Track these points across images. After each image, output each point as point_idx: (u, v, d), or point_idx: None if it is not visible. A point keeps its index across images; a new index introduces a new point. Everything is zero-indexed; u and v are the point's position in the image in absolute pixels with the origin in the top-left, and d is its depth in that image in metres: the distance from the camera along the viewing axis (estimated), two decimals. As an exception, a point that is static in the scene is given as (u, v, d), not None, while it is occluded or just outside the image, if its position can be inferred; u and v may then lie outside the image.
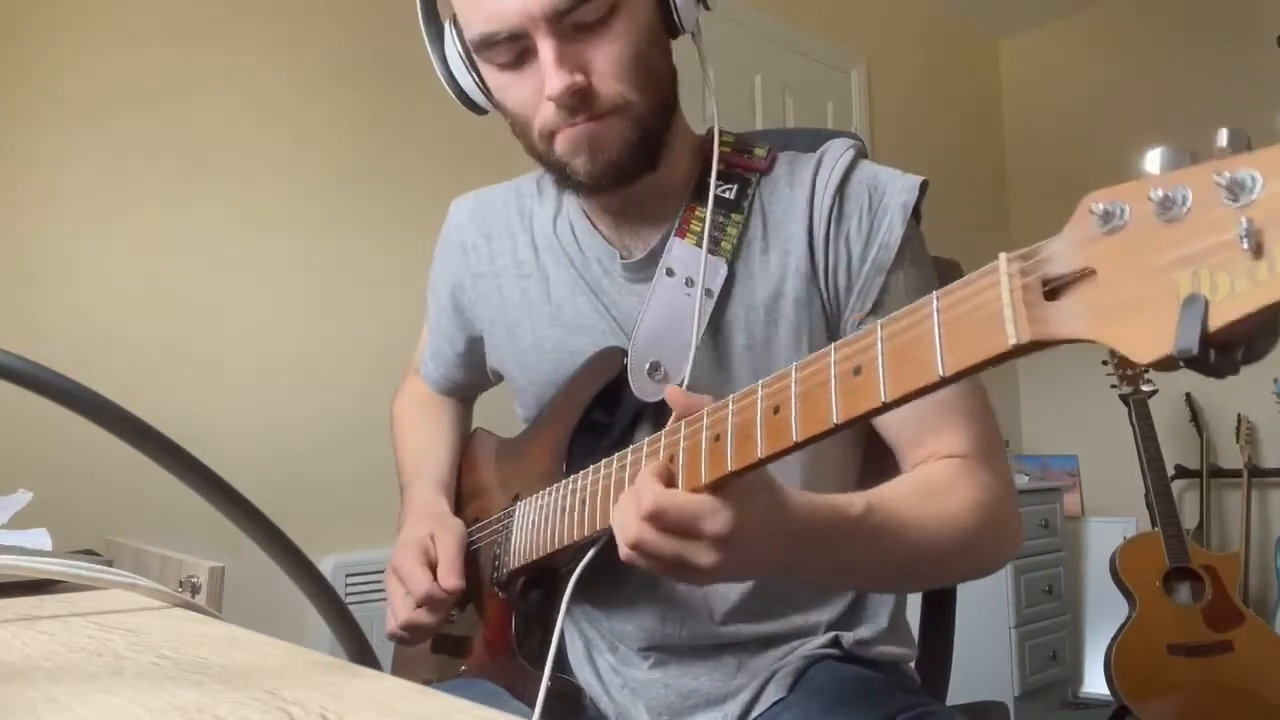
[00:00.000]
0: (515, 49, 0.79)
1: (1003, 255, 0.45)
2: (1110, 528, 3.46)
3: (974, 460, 0.80)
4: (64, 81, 1.89)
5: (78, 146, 1.89)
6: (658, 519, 0.60)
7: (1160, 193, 0.38)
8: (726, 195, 0.88)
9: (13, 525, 0.87)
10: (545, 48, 0.77)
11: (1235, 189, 0.36)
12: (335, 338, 2.20)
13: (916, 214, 0.86)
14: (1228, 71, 3.53)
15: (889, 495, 0.74)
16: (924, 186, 0.85)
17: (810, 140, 0.95)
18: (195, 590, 0.73)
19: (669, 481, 0.63)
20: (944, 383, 0.47)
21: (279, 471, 2.02)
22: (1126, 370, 3.10)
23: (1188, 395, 3.50)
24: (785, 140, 0.96)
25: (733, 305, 0.86)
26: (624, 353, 0.86)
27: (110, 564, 0.73)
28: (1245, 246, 0.36)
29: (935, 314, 0.48)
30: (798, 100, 3.31)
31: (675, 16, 0.83)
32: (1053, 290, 0.43)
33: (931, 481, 0.78)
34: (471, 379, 1.10)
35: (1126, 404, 3.08)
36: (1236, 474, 3.39)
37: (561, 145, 0.81)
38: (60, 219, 1.86)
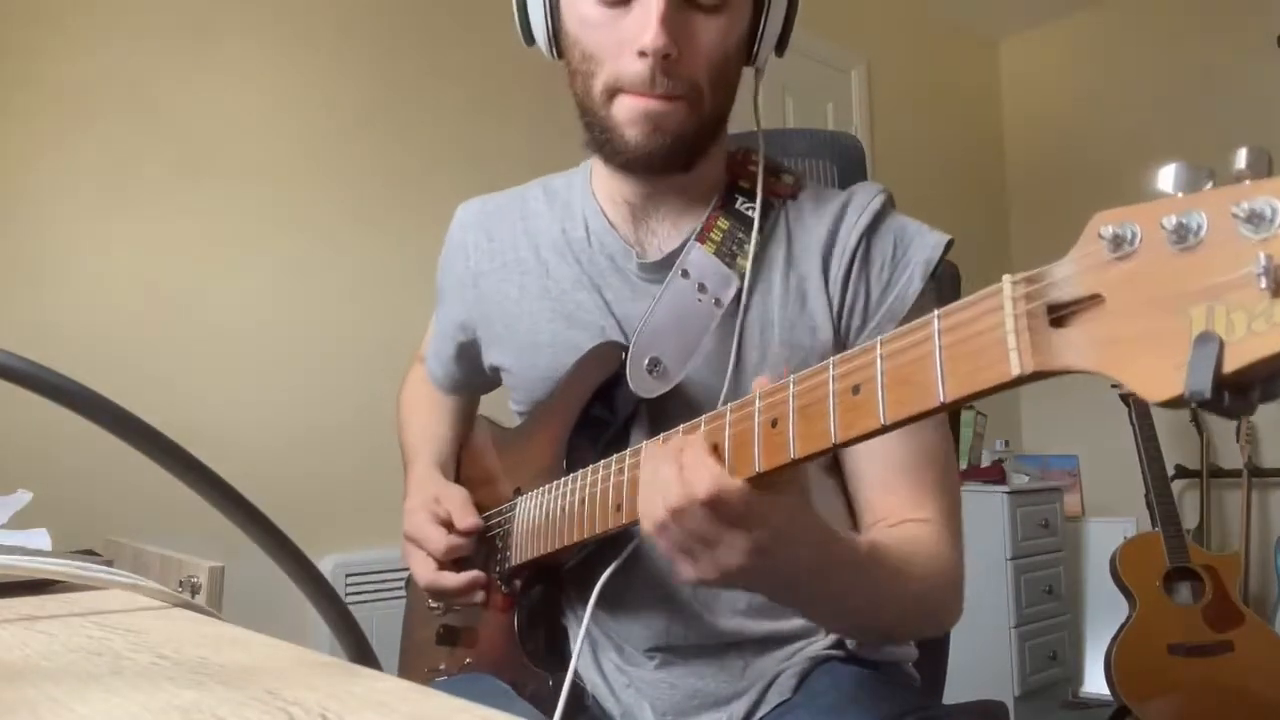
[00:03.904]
0: None
1: (1007, 278, 0.43)
2: (1110, 528, 3.46)
3: (942, 528, 0.82)
4: (64, 81, 1.89)
5: (78, 146, 1.89)
6: (715, 504, 0.58)
7: (1174, 220, 0.36)
8: (748, 213, 0.89)
9: (13, 525, 0.87)
10: (656, 2, 0.77)
11: (1254, 220, 0.34)
12: (335, 337, 2.20)
13: (935, 268, 0.87)
14: (1228, 72, 3.53)
15: (885, 541, 0.77)
16: (948, 245, 0.87)
17: (809, 141, 0.95)
18: (195, 590, 0.73)
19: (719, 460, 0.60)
20: (943, 408, 0.47)
21: (279, 471, 2.02)
22: (1126, 370, 3.10)
23: (1188, 395, 3.51)
24: (784, 142, 0.97)
25: (749, 320, 0.87)
26: (623, 348, 0.86)
27: (110, 564, 0.72)
28: (1264, 285, 0.33)
29: (936, 336, 0.47)
30: (798, 100, 3.32)
31: (756, 47, 0.87)
32: (1059, 317, 0.41)
33: (917, 540, 0.81)
34: (475, 379, 1.11)
35: (1126, 404, 3.08)
36: (1236, 474, 3.39)
37: (621, 110, 0.82)
38: (60, 219, 1.86)
